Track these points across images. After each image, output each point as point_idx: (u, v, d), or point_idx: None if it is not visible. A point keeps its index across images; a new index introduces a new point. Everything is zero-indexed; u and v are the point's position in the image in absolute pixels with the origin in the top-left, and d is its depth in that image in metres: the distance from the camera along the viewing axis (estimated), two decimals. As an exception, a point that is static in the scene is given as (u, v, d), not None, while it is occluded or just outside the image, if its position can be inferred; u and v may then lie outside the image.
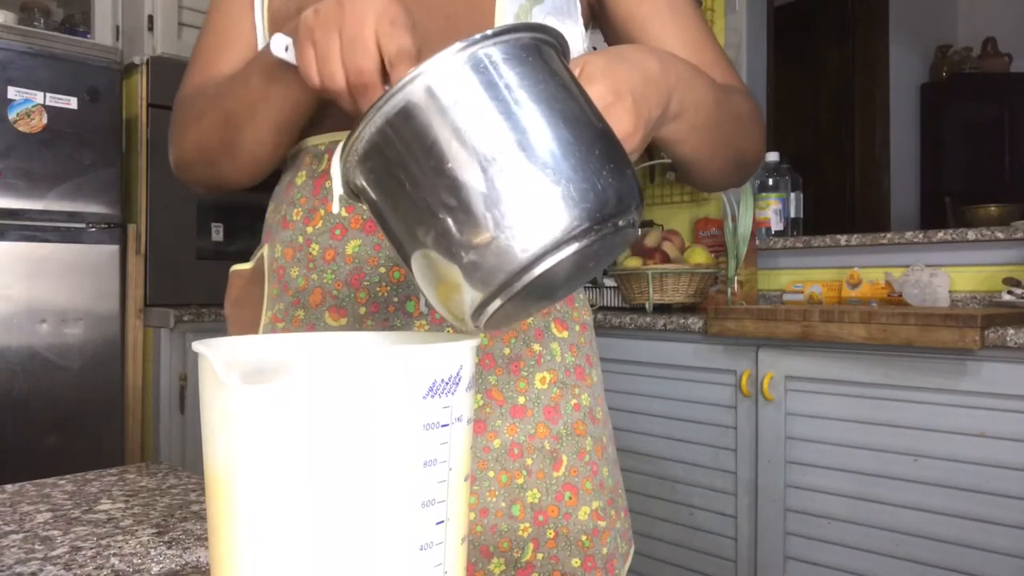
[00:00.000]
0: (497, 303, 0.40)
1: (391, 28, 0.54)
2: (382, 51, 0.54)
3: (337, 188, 0.45)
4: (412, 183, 0.40)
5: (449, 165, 0.39)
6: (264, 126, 0.70)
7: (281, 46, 0.60)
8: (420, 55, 0.55)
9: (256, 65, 0.68)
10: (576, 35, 0.75)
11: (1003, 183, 3.90)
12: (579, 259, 0.40)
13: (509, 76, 0.40)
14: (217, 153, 0.75)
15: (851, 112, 4.03)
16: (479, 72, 0.40)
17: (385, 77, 0.55)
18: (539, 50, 0.42)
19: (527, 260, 0.39)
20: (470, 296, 0.40)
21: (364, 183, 0.43)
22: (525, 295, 0.41)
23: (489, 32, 0.40)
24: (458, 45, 0.40)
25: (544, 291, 0.43)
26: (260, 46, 0.78)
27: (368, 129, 0.41)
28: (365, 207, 0.45)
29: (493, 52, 0.40)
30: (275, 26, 0.76)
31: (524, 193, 0.39)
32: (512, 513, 0.72)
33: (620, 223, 0.41)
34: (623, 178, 0.42)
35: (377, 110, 0.40)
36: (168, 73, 2.61)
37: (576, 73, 0.50)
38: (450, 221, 0.39)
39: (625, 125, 0.50)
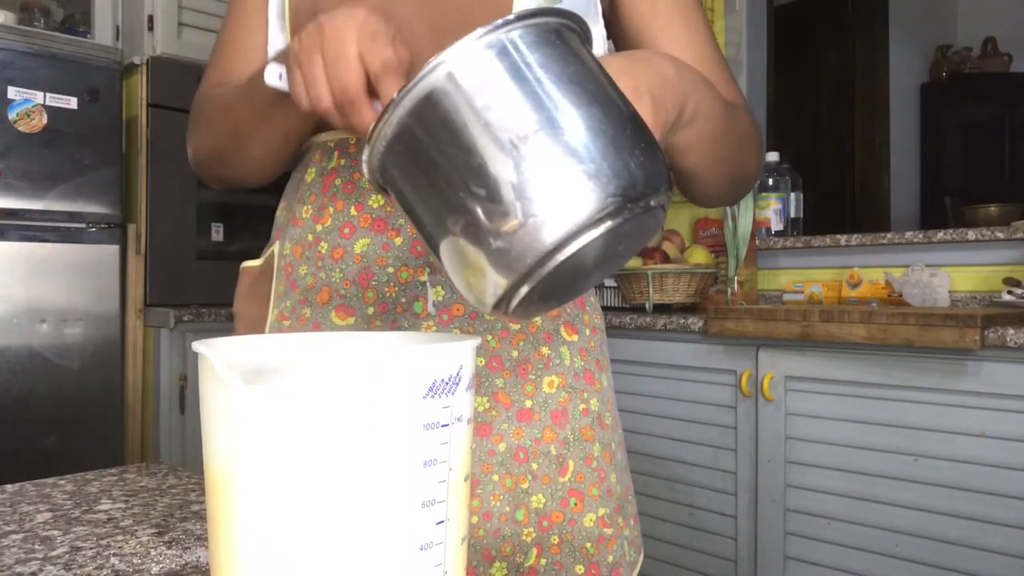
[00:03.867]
0: (527, 287, 0.40)
1: (372, 43, 0.54)
2: (366, 67, 0.54)
3: (364, 168, 0.44)
4: (439, 170, 0.40)
5: (475, 150, 0.39)
6: (272, 135, 0.72)
7: (275, 75, 0.61)
8: (411, 63, 0.55)
9: (260, 81, 0.69)
10: (597, 36, 0.75)
11: (1003, 183, 3.90)
12: (609, 240, 0.40)
13: (532, 59, 0.40)
14: (229, 157, 0.77)
15: (851, 112, 4.03)
16: (502, 56, 0.39)
17: (372, 92, 0.55)
18: (562, 35, 0.42)
19: (558, 240, 0.38)
20: (500, 281, 0.40)
21: (391, 172, 0.43)
22: (555, 278, 0.40)
23: (511, 16, 0.40)
24: (480, 30, 0.39)
25: (574, 276, 0.42)
26: (271, 46, 0.79)
27: (393, 118, 0.41)
28: (392, 198, 0.45)
29: (515, 36, 0.40)
30: (296, 21, 0.76)
31: (552, 174, 0.38)
32: (516, 518, 0.72)
33: (651, 203, 0.40)
34: (653, 158, 0.41)
35: (401, 99, 0.40)
36: (168, 73, 2.61)
37: None
38: (478, 205, 0.39)
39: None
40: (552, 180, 0.38)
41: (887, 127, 3.98)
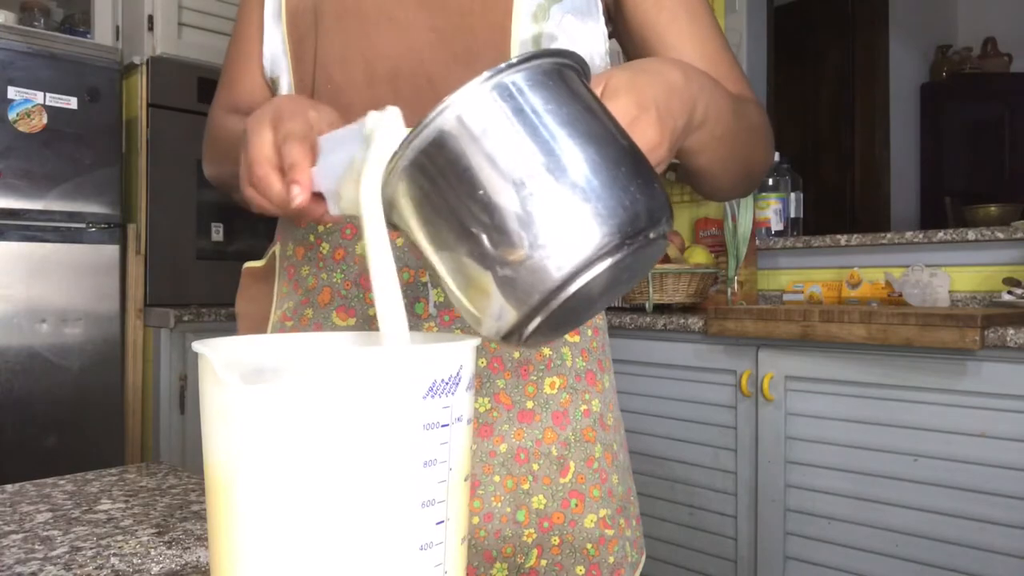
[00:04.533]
0: (537, 321, 0.42)
1: (282, 122, 0.56)
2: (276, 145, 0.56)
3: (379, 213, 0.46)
4: (447, 206, 0.42)
5: (481, 191, 0.40)
6: None
7: None
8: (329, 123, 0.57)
9: None
10: (598, 34, 0.75)
11: (1003, 183, 3.90)
12: (613, 273, 0.41)
13: (534, 101, 0.42)
14: (238, 188, 0.79)
15: (851, 112, 4.03)
16: (506, 99, 0.41)
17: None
18: (561, 74, 0.44)
19: (562, 278, 0.40)
20: (507, 314, 0.42)
21: (401, 210, 0.45)
22: (563, 312, 0.42)
23: (514, 60, 0.42)
24: (484, 75, 0.41)
25: (582, 306, 0.44)
26: (266, 47, 0.79)
27: (402, 160, 0.42)
28: (402, 233, 0.47)
29: (517, 79, 0.42)
30: (293, 23, 0.76)
31: (555, 213, 0.40)
32: (517, 518, 0.72)
33: (651, 235, 0.42)
34: (651, 191, 0.43)
35: (411, 140, 0.42)
36: (168, 73, 2.61)
37: (600, 89, 0.51)
38: (487, 243, 0.40)
39: (651, 137, 0.51)
40: (554, 220, 0.40)
41: (887, 127, 3.97)
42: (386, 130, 0.47)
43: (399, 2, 0.72)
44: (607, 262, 0.40)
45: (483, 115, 0.41)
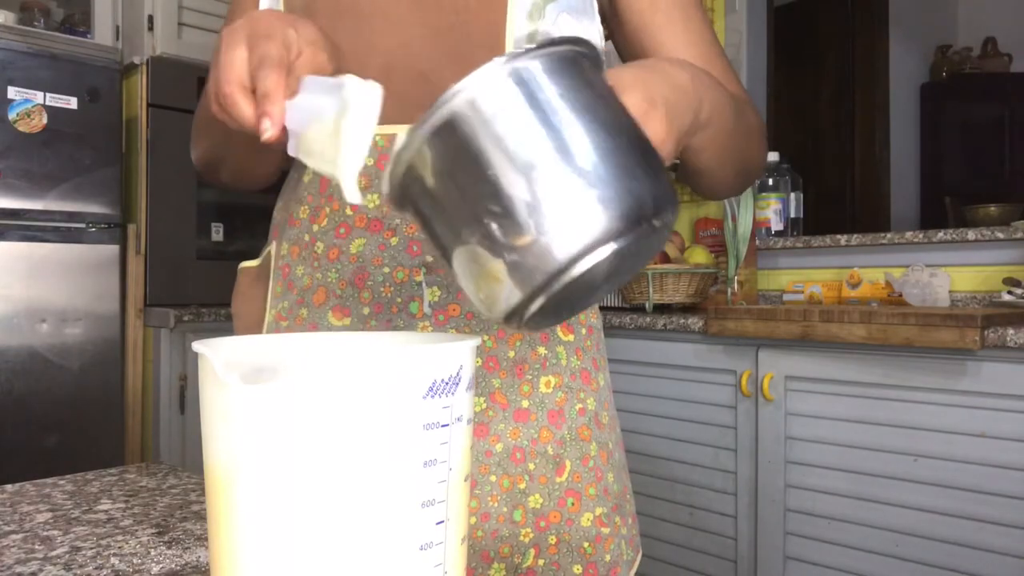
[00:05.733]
0: (539, 302, 0.42)
1: (259, 41, 0.54)
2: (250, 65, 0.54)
3: (386, 189, 0.46)
4: (458, 189, 0.42)
5: (492, 172, 0.41)
6: (253, 145, 0.72)
7: None
8: (326, 62, 0.55)
9: None
10: (594, 33, 0.75)
11: (1003, 183, 3.90)
12: (617, 259, 0.42)
13: (548, 87, 0.42)
14: (223, 164, 0.79)
15: (851, 112, 4.03)
16: (520, 85, 0.42)
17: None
18: (576, 63, 0.44)
19: (566, 260, 0.40)
20: (514, 293, 0.42)
21: (411, 192, 0.45)
22: (565, 294, 0.43)
23: (531, 46, 0.42)
24: (500, 59, 0.42)
25: (584, 291, 0.44)
26: None
27: (414, 141, 0.43)
28: (411, 214, 0.47)
29: (533, 65, 0.42)
30: (290, 8, 0.76)
31: (563, 197, 0.41)
32: (513, 518, 0.72)
33: (655, 223, 0.43)
34: (657, 181, 0.44)
35: (423, 123, 0.42)
36: (168, 73, 2.61)
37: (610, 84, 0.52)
38: (494, 221, 0.41)
39: (658, 133, 0.51)
40: (561, 204, 0.41)
41: (887, 127, 3.97)
42: (361, 107, 0.47)
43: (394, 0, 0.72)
44: (611, 247, 0.41)
45: (497, 100, 0.41)
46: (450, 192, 0.43)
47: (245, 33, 0.54)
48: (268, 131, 0.50)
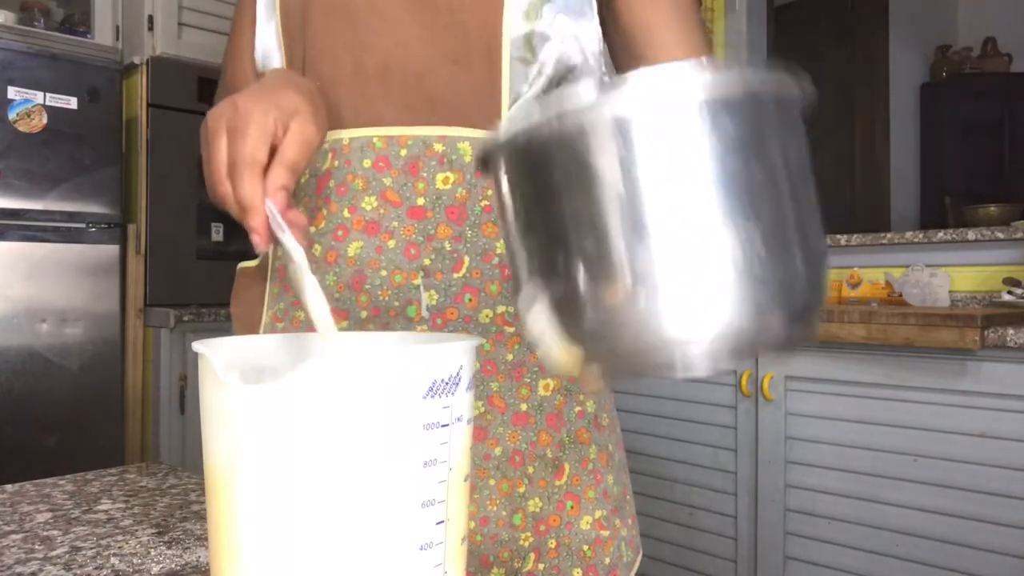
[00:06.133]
0: (605, 369, 0.38)
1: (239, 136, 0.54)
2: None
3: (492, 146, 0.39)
4: (559, 208, 0.34)
5: (605, 208, 0.33)
6: None
7: None
8: (310, 140, 0.56)
9: None
10: (592, 33, 0.75)
11: (1003, 183, 3.90)
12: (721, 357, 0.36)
13: (736, 129, 0.33)
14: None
15: (851, 112, 4.03)
16: (691, 115, 0.32)
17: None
18: (781, 106, 0.36)
19: (653, 344, 0.35)
20: (579, 350, 0.37)
21: (511, 170, 0.38)
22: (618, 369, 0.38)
23: (723, 69, 0.33)
24: (667, 74, 0.33)
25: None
26: (258, 39, 0.79)
27: (539, 127, 0.34)
28: (492, 183, 0.40)
29: (715, 95, 0.33)
30: (287, 17, 0.76)
31: (686, 268, 0.33)
32: (513, 522, 0.71)
33: (793, 336, 0.35)
34: (814, 278, 0.34)
35: (553, 114, 0.34)
36: (168, 73, 2.61)
37: None
38: (584, 271, 0.34)
39: None
40: (683, 275, 0.33)
41: (887, 127, 3.97)
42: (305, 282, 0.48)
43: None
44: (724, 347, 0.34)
45: (654, 124, 0.32)
46: (549, 206, 0.35)
47: (225, 122, 0.55)
48: (259, 247, 0.52)
